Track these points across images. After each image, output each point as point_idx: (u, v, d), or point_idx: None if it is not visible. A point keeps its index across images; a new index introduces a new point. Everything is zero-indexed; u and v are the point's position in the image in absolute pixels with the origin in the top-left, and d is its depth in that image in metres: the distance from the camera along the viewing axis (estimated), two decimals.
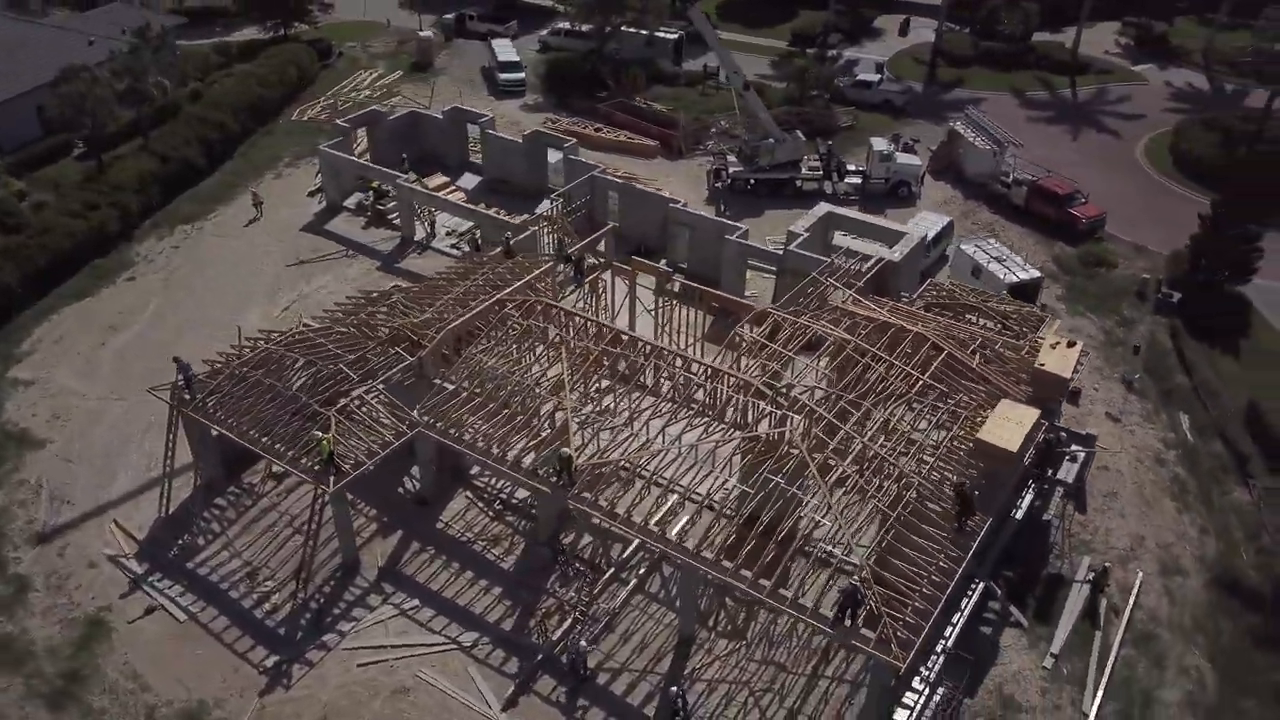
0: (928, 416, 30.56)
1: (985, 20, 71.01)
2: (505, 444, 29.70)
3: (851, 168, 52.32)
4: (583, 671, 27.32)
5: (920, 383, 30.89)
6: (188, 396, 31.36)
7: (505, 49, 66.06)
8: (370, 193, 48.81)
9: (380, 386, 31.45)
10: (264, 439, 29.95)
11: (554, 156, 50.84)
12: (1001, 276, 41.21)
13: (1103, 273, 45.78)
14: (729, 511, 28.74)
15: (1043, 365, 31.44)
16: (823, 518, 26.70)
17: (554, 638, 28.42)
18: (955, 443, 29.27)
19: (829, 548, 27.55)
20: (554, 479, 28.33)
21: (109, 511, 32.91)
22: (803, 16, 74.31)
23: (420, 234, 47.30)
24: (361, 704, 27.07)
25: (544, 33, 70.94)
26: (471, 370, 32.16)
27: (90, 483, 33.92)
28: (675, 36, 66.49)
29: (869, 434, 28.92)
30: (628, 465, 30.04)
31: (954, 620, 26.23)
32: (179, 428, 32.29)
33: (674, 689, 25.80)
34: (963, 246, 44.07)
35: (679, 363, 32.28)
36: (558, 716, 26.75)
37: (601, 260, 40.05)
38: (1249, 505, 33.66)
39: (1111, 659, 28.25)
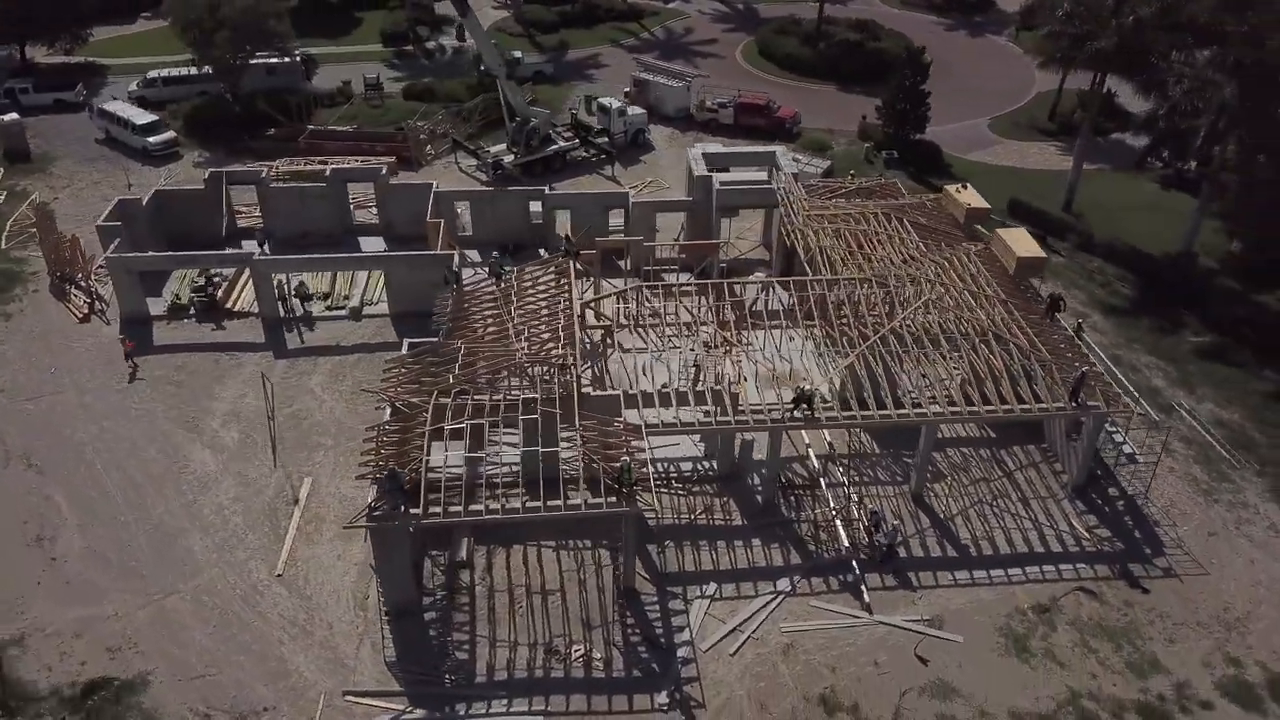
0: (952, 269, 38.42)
1: None
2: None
3: (598, 128, 56.85)
4: (896, 553, 31.34)
5: (915, 249, 38.74)
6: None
7: (133, 111, 57.18)
8: (206, 283, 42.21)
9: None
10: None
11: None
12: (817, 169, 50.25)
13: (833, 151, 57.10)
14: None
15: (969, 205, 41.21)
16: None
17: (845, 544, 31.76)
18: (985, 280, 37.56)
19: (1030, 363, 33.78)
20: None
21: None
22: (385, 17, 74.57)
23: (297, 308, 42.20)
24: (772, 671, 28.15)
25: (133, 87, 62.10)
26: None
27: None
28: (298, 59, 63.31)
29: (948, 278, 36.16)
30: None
31: None
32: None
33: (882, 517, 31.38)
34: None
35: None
36: (901, 595, 30.62)
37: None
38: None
39: None
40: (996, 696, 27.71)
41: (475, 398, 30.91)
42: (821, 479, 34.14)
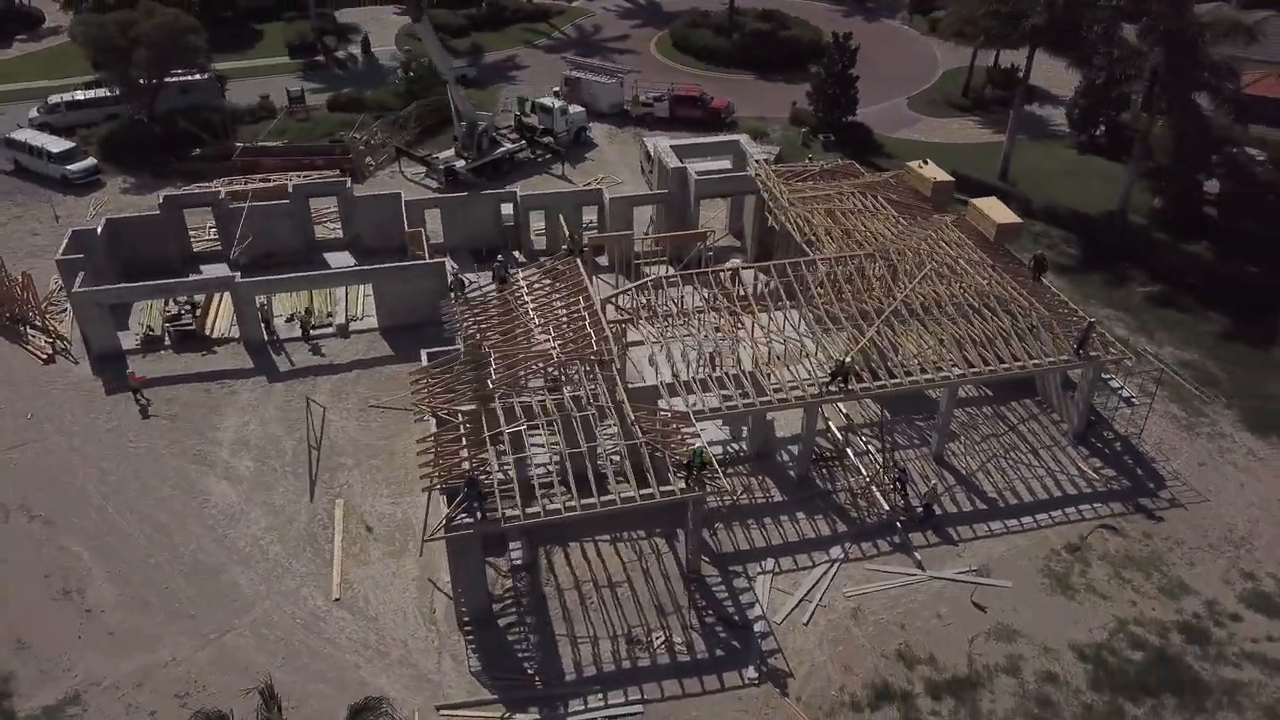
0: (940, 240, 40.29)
1: None
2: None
3: (541, 127, 56.80)
4: (933, 511, 32.94)
5: (899, 223, 40.58)
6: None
7: (47, 139, 53.85)
8: (184, 310, 40.51)
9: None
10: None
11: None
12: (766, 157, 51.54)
13: (770, 137, 58.68)
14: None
15: (935, 179, 43.33)
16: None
17: (885, 507, 33.17)
18: (970, 248, 39.66)
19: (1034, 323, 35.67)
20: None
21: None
22: (286, 29, 72.36)
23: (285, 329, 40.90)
24: (847, 635, 29.27)
25: (34, 114, 58.46)
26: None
27: None
28: (212, 76, 60.91)
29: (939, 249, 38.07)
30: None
31: None
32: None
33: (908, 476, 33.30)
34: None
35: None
36: (945, 550, 32.25)
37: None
38: None
39: None
40: (1054, 632, 29.59)
41: (520, 400, 30.92)
42: (847, 449, 35.47)
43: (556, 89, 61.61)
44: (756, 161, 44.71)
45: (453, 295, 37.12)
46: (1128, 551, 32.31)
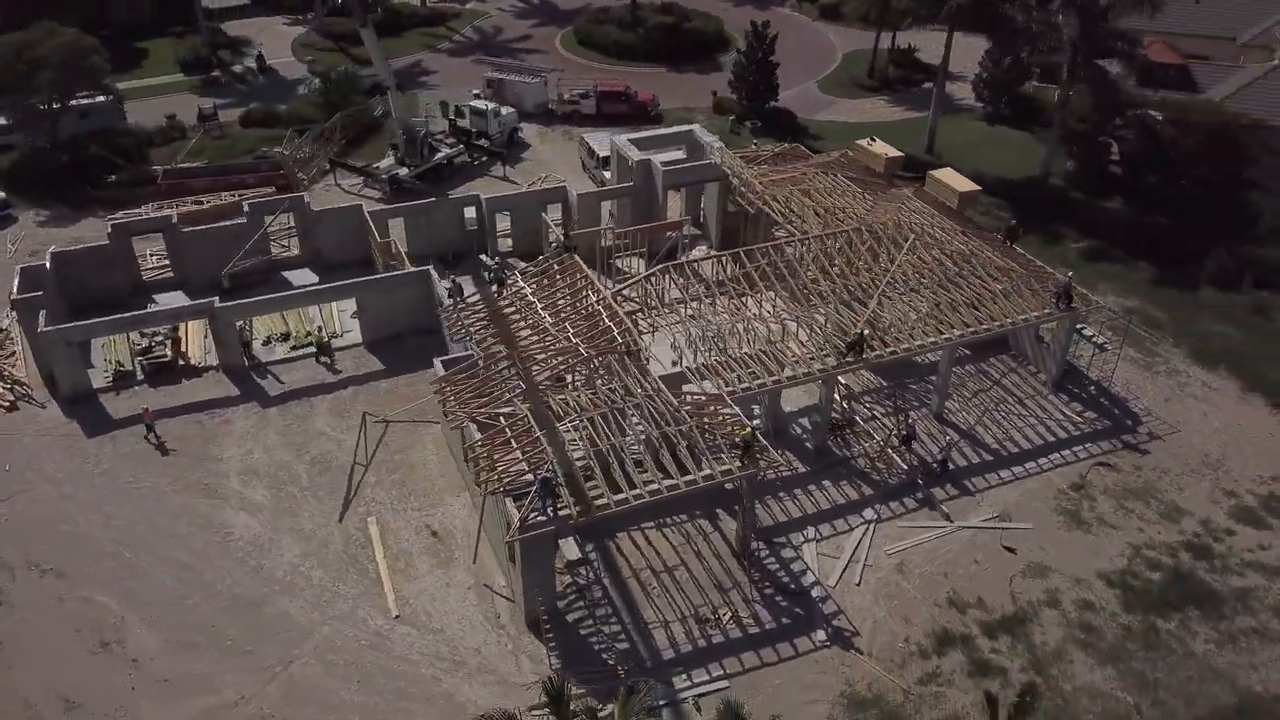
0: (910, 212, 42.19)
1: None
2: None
3: (475, 133, 56.29)
4: (949, 466, 34.83)
5: (866, 199, 42.46)
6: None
7: None
8: (155, 341, 38.69)
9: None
10: None
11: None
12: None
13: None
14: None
15: (887, 154, 45.44)
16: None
17: (904, 467, 34.84)
18: (939, 217, 41.72)
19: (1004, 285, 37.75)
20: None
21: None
22: (175, 46, 69.09)
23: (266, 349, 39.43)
24: (898, 590, 30.75)
25: None
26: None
27: None
28: (114, 97, 57.77)
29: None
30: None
31: None
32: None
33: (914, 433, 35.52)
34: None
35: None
36: (966, 501, 34.16)
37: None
38: None
39: None
40: (1080, 565, 31.86)
41: (557, 397, 31.05)
42: (855, 417, 37.01)
43: (477, 92, 61.19)
44: (717, 150, 45.73)
45: (451, 299, 36.75)
46: (1124, 484, 34.99)
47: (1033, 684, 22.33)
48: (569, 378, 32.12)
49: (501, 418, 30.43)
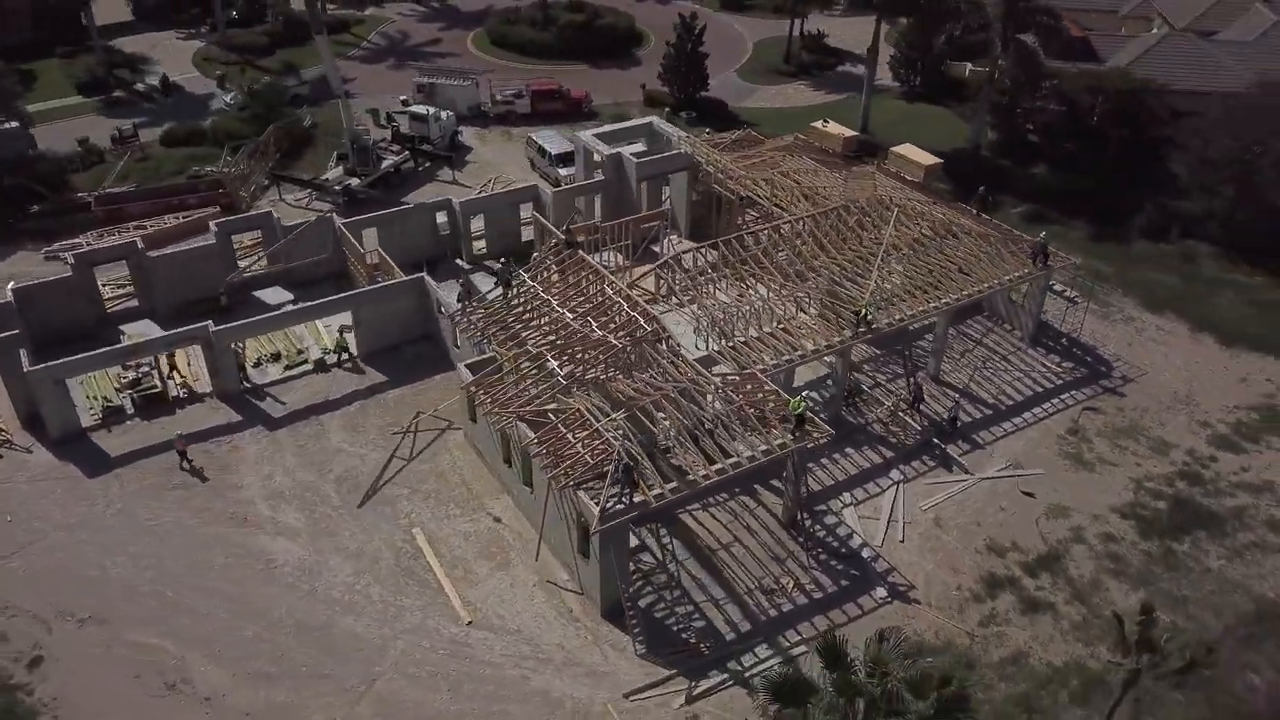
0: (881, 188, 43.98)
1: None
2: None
3: (418, 138, 55.45)
4: (958, 424, 36.76)
5: (835, 177, 44.15)
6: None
7: None
8: (142, 373, 36.87)
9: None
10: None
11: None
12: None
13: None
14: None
15: (844, 134, 47.35)
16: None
17: (918, 428, 36.57)
18: (909, 191, 43.71)
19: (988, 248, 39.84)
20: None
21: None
22: (65, 67, 65.44)
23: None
24: (939, 543, 32.43)
25: None
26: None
27: None
28: (24, 123, 54.45)
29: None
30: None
31: None
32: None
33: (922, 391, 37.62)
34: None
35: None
36: (979, 454, 36.15)
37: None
38: None
39: None
40: (1093, 502, 34.27)
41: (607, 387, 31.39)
42: (861, 385, 38.59)
43: (404, 98, 60.28)
44: (685, 140, 46.60)
45: (463, 302, 36.47)
46: (1113, 424, 37.70)
47: (1150, 603, 24.06)
48: (605, 370, 32.44)
49: (550, 414, 30.55)
